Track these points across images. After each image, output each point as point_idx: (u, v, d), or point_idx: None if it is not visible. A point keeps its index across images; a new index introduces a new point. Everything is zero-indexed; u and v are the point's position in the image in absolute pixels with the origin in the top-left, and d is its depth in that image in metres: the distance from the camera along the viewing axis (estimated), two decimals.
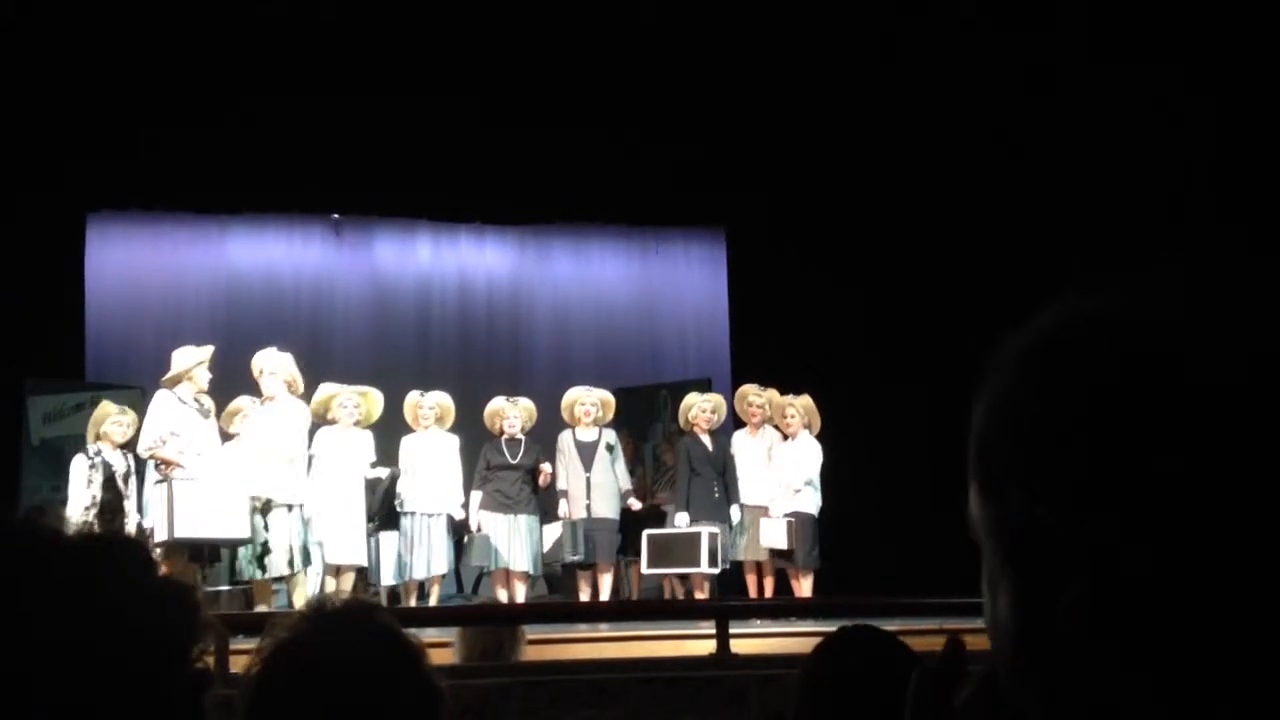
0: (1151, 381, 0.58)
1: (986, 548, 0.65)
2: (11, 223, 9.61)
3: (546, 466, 8.92)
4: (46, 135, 9.66)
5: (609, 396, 9.30)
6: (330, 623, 1.51)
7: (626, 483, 9.16)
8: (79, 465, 8.09)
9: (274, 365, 8.01)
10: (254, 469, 7.70)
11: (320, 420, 8.36)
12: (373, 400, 8.60)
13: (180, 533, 7.25)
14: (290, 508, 7.72)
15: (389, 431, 9.00)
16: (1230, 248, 0.64)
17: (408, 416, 8.93)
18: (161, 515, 7.35)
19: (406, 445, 8.84)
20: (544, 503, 9.14)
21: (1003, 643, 0.64)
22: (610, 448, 9.08)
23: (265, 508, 7.63)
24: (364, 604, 1.62)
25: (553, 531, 9.23)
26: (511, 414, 8.99)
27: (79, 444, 8.38)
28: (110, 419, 8.12)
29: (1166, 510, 0.57)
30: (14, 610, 0.98)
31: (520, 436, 8.97)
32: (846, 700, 1.92)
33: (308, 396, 8.44)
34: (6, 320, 9.46)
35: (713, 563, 8.62)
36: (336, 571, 8.25)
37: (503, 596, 8.68)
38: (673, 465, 9.48)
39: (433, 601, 8.58)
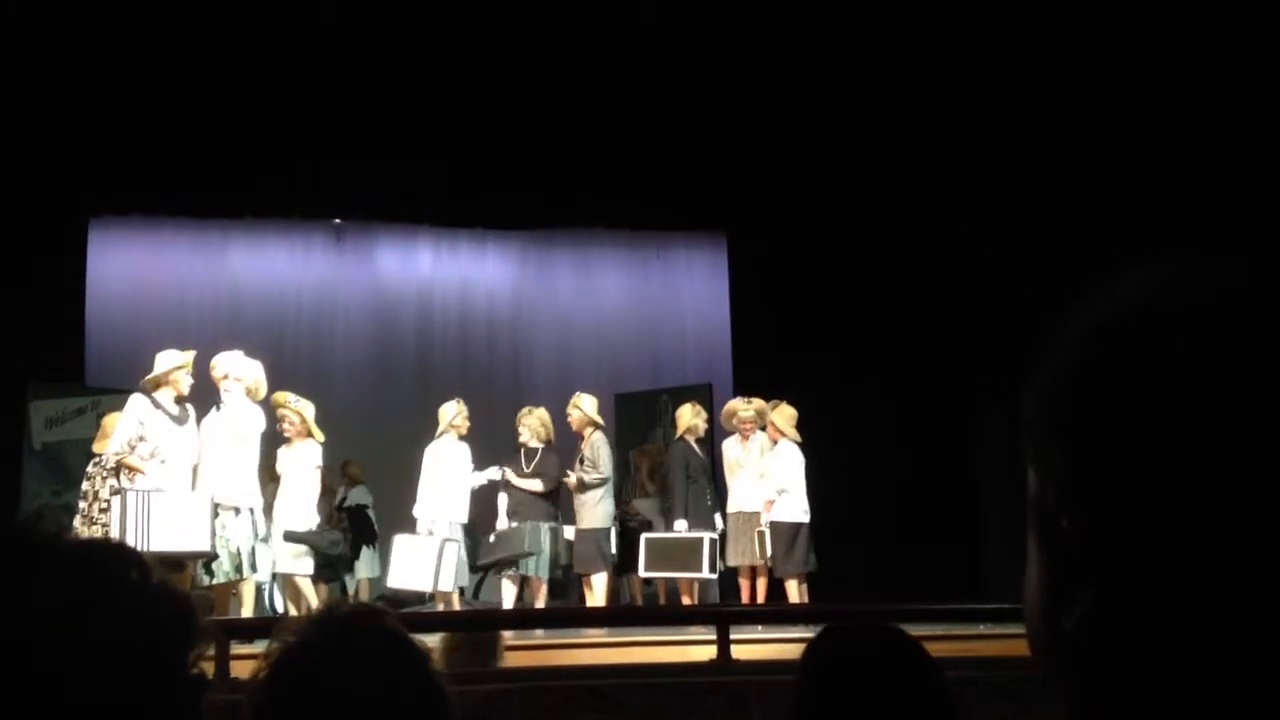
0: (1179, 393, 0.54)
1: (1029, 519, 0.63)
2: (14, 228, 9.62)
3: (570, 475, 8.94)
4: (49, 141, 9.68)
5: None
6: (338, 628, 1.52)
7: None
8: None
9: (240, 371, 7.87)
10: (205, 472, 7.60)
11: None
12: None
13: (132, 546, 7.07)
14: (238, 511, 7.56)
15: (386, 439, 8.97)
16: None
17: (448, 423, 8.90)
18: (115, 527, 7.12)
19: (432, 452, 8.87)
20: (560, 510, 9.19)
21: (1032, 621, 0.63)
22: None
23: (214, 512, 7.46)
24: (371, 609, 1.63)
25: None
26: (524, 424, 9.06)
27: (83, 448, 8.32)
28: None
29: (1172, 532, 0.55)
30: (9, 615, 0.98)
31: (537, 446, 8.99)
32: (846, 688, 1.92)
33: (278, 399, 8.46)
34: (9, 325, 9.47)
35: (712, 568, 8.72)
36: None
37: (508, 601, 8.68)
38: (645, 473, 9.59)
39: (457, 605, 8.57)
